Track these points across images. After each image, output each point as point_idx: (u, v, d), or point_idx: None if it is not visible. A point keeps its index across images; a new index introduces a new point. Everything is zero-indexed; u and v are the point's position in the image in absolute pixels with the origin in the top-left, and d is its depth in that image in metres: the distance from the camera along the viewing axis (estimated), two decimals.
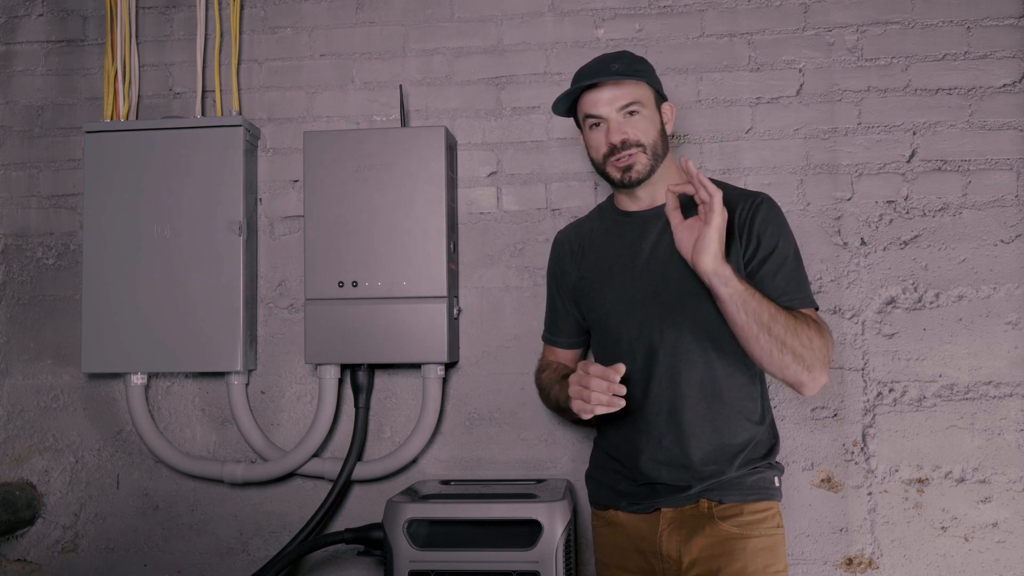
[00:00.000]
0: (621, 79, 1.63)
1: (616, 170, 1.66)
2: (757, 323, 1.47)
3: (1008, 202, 2.02)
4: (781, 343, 1.47)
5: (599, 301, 1.72)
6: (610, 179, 1.70)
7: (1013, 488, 1.97)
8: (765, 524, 1.60)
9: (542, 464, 2.10)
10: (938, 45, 2.05)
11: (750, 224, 1.60)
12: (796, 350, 1.48)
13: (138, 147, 2.11)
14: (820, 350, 1.50)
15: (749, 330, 1.48)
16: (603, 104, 1.64)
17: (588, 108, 1.67)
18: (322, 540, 1.96)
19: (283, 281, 2.20)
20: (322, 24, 2.24)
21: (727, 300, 1.47)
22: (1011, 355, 1.99)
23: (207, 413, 2.20)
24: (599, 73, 1.65)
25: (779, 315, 1.48)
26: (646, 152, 1.65)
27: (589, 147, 1.71)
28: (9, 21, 2.34)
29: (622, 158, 1.64)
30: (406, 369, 2.14)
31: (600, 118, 1.66)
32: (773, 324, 1.47)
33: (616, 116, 1.64)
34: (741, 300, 1.46)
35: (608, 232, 1.77)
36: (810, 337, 1.49)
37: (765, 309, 1.47)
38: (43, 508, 2.24)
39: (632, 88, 1.65)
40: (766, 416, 1.69)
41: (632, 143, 1.64)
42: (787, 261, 1.60)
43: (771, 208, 1.63)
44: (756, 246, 1.59)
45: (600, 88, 1.65)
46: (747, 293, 1.46)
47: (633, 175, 1.65)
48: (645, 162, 1.65)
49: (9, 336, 2.28)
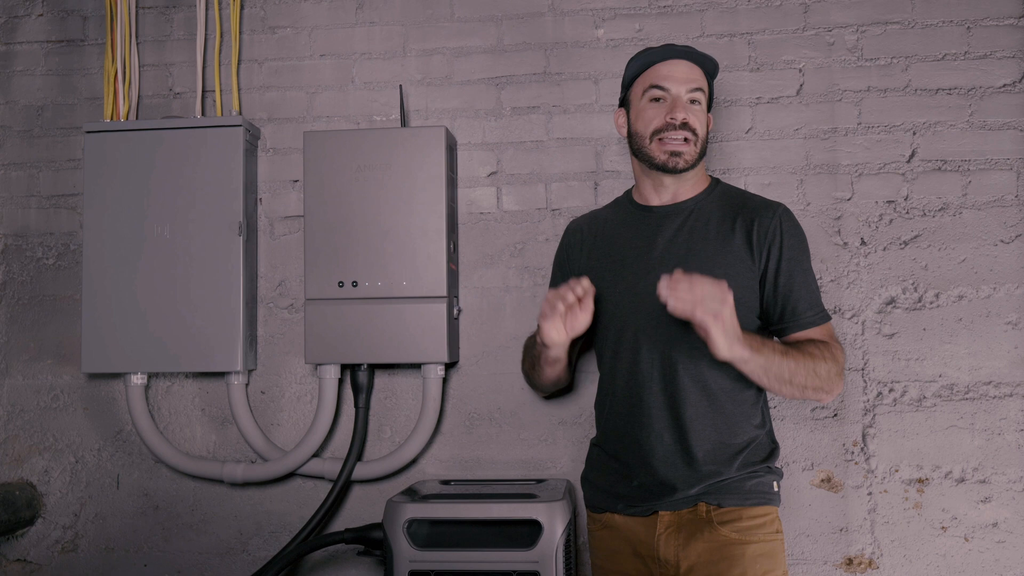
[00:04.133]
0: (698, 63, 1.66)
1: (662, 152, 1.64)
2: (779, 380, 1.54)
3: (1008, 202, 2.02)
4: (803, 387, 1.56)
5: (608, 292, 1.70)
6: (649, 158, 1.67)
7: (1013, 488, 1.97)
8: (764, 529, 1.59)
9: (542, 464, 2.10)
10: (938, 45, 2.05)
11: (772, 237, 1.62)
12: (815, 385, 1.56)
13: (138, 147, 2.11)
14: (837, 374, 1.58)
15: (772, 386, 1.56)
16: (677, 79, 1.64)
17: (658, 79, 1.65)
18: (322, 540, 1.97)
19: (283, 281, 2.20)
20: (322, 24, 2.24)
21: (749, 374, 1.53)
22: (1011, 355, 1.99)
23: (207, 413, 2.20)
24: (683, 51, 1.66)
25: (798, 368, 1.54)
26: (697, 145, 1.66)
27: (637, 120, 1.69)
28: (9, 21, 2.34)
29: (675, 140, 1.63)
30: (406, 369, 2.14)
31: (667, 92, 1.65)
32: (794, 377, 1.54)
33: (684, 96, 1.65)
34: (762, 371, 1.52)
35: (623, 224, 1.76)
36: (828, 369, 1.56)
37: (785, 367, 1.53)
38: (43, 508, 2.24)
39: (702, 78, 1.68)
40: (766, 421, 1.69)
41: (691, 128, 1.64)
42: (808, 275, 1.65)
43: (791, 222, 1.66)
44: (778, 262, 1.62)
45: (677, 63, 1.65)
46: (766, 363, 1.51)
47: (680, 163, 1.64)
48: (693, 153, 1.65)
49: (9, 336, 2.28)
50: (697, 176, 1.72)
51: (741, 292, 1.61)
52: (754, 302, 1.64)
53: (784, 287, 1.61)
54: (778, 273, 1.62)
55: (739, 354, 1.47)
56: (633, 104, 1.71)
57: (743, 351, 1.47)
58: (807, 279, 1.63)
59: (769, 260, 1.62)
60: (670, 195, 1.71)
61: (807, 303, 1.62)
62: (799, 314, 1.61)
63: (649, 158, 1.67)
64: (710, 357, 1.59)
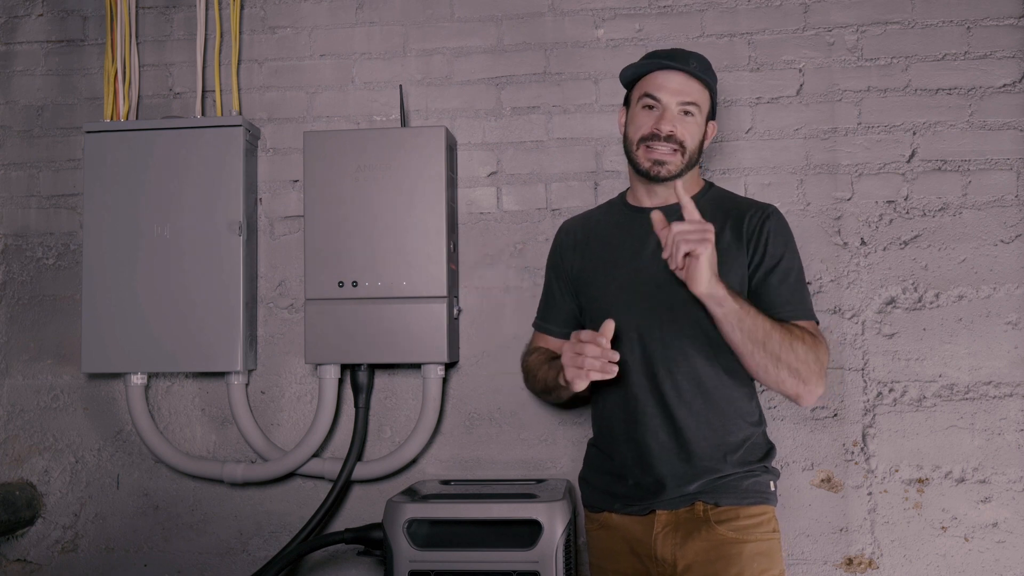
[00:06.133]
0: (694, 77, 1.65)
1: (647, 160, 1.66)
2: (752, 340, 1.50)
3: (1008, 202, 2.02)
4: (776, 358, 1.51)
5: (601, 292, 1.71)
6: (636, 164, 1.69)
7: (1013, 488, 1.97)
8: (761, 529, 1.60)
9: (542, 464, 2.10)
10: (938, 45, 2.05)
11: (758, 234, 1.63)
12: (791, 364, 1.52)
13: (138, 147, 2.11)
14: (815, 363, 1.54)
15: (744, 347, 1.51)
16: (669, 91, 1.65)
17: (651, 88, 1.66)
18: (322, 540, 1.97)
19: (283, 281, 2.20)
20: (322, 24, 2.24)
21: (722, 319, 1.50)
22: (1011, 355, 1.99)
23: (207, 413, 2.20)
24: (678, 61, 1.66)
25: (774, 331, 1.51)
26: (684, 156, 1.66)
27: (630, 124, 1.70)
28: (9, 21, 2.34)
29: (660, 150, 1.64)
30: (406, 369, 2.14)
31: (658, 102, 1.65)
32: (768, 340, 1.50)
33: (674, 108, 1.65)
34: (736, 319, 1.49)
35: (616, 225, 1.77)
36: (805, 351, 1.52)
37: (760, 326, 1.50)
38: (43, 508, 2.24)
39: (698, 91, 1.66)
40: (762, 420, 1.70)
41: (677, 140, 1.64)
42: (791, 273, 1.63)
43: (780, 221, 1.66)
44: (763, 255, 1.62)
45: (671, 74, 1.65)
46: (742, 312, 1.49)
47: (663, 172, 1.66)
48: (678, 164, 1.66)
49: (9, 336, 2.28)
50: (690, 179, 1.72)
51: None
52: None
53: (763, 283, 1.61)
54: (759, 268, 1.62)
55: (718, 291, 1.46)
56: (631, 107, 1.73)
57: (720, 289, 1.47)
58: (787, 277, 1.62)
59: (754, 256, 1.62)
60: (662, 198, 1.72)
61: (784, 299, 1.60)
62: (778, 307, 1.59)
63: (635, 163, 1.70)
64: (705, 353, 1.61)
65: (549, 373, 1.71)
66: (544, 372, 1.75)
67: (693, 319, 1.60)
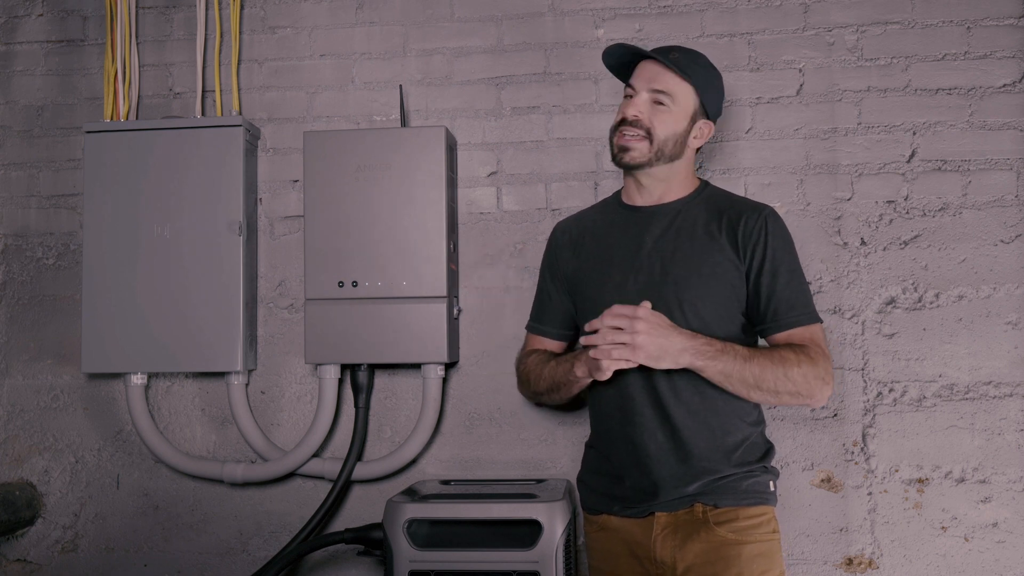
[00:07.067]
0: (669, 67, 1.64)
1: (616, 145, 1.68)
2: (744, 385, 1.54)
3: (1008, 202, 2.02)
4: (774, 392, 1.54)
5: (596, 292, 1.70)
6: (611, 152, 1.71)
7: (1013, 488, 1.97)
8: (761, 530, 1.59)
9: (542, 464, 2.10)
10: (938, 45, 2.05)
11: (757, 236, 1.62)
12: (790, 390, 1.54)
13: (138, 147, 2.11)
14: (816, 378, 1.55)
15: (740, 391, 1.56)
16: (640, 79, 1.67)
17: (631, 78, 1.70)
18: (322, 540, 1.97)
19: (283, 281, 2.20)
20: (322, 24, 2.24)
21: (711, 380, 1.55)
22: (1011, 355, 1.99)
23: (207, 413, 2.20)
24: (657, 52, 1.67)
25: (765, 371, 1.53)
26: (651, 143, 1.64)
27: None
28: (9, 21, 2.34)
29: (626, 135, 1.65)
30: (406, 369, 2.14)
31: (634, 91, 1.68)
32: (761, 381, 1.53)
33: (644, 96, 1.66)
34: (722, 376, 1.53)
35: (611, 225, 1.77)
36: (802, 373, 1.54)
37: (749, 371, 1.52)
38: (43, 508, 2.24)
39: (673, 81, 1.65)
40: (760, 420, 1.69)
41: (641, 125, 1.64)
42: (794, 275, 1.63)
43: (778, 223, 1.66)
44: (762, 259, 1.61)
45: (647, 63, 1.67)
46: (727, 368, 1.52)
47: (627, 158, 1.66)
48: (644, 151, 1.65)
49: (9, 336, 2.28)
50: (676, 180, 1.71)
51: (727, 291, 1.62)
52: (740, 301, 1.64)
53: (767, 287, 1.61)
54: (761, 273, 1.61)
55: (695, 363, 1.51)
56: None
57: (695, 360, 1.50)
58: (791, 280, 1.62)
59: (753, 259, 1.62)
60: (656, 196, 1.72)
61: (789, 304, 1.61)
62: (780, 315, 1.60)
63: (611, 153, 1.71)
64: None
65: (558, 369, 1.70)
66: (551, 369, 1.73)
67: (690, 317, 1.60)
